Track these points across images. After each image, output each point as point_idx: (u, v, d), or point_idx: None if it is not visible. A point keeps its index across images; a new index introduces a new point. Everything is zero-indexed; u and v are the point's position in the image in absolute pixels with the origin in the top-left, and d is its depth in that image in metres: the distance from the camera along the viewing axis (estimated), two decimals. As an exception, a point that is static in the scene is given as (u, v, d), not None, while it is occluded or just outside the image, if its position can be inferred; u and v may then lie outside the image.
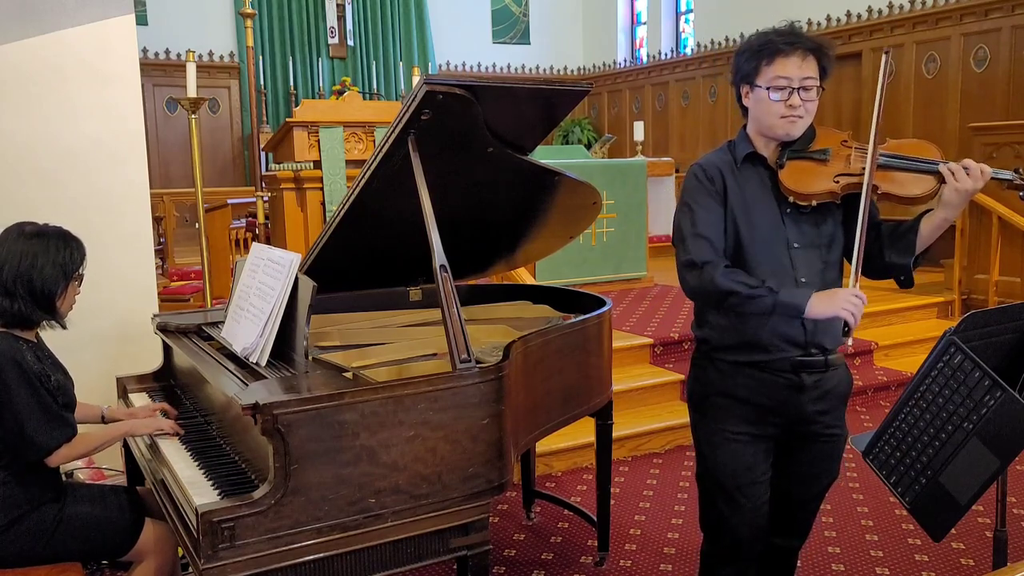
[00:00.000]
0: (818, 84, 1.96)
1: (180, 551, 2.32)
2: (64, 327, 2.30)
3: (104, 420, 2.50)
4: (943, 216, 2.01)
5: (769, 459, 2.10)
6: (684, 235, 2.00)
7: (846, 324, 1.91)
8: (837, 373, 2.11)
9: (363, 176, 2.28)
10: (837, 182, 1.98)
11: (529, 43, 13.08)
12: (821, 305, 1.89)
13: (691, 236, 1.99)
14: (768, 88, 1.94)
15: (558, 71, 13.30)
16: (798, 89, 1.94)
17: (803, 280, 2.00)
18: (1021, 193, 2.02)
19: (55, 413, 2.16)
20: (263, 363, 2.19)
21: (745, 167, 2.04)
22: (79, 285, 2.29)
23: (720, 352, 2.08)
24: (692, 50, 11.42)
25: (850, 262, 2.01)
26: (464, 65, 12.70)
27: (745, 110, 2.07)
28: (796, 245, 2.01)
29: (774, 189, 2.02)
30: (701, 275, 1.95)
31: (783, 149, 2.02)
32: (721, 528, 2.16)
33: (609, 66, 12.82)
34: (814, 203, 2.00)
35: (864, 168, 1.96)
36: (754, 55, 1.98)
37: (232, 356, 2.35)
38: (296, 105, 9.52)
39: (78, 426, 2.27)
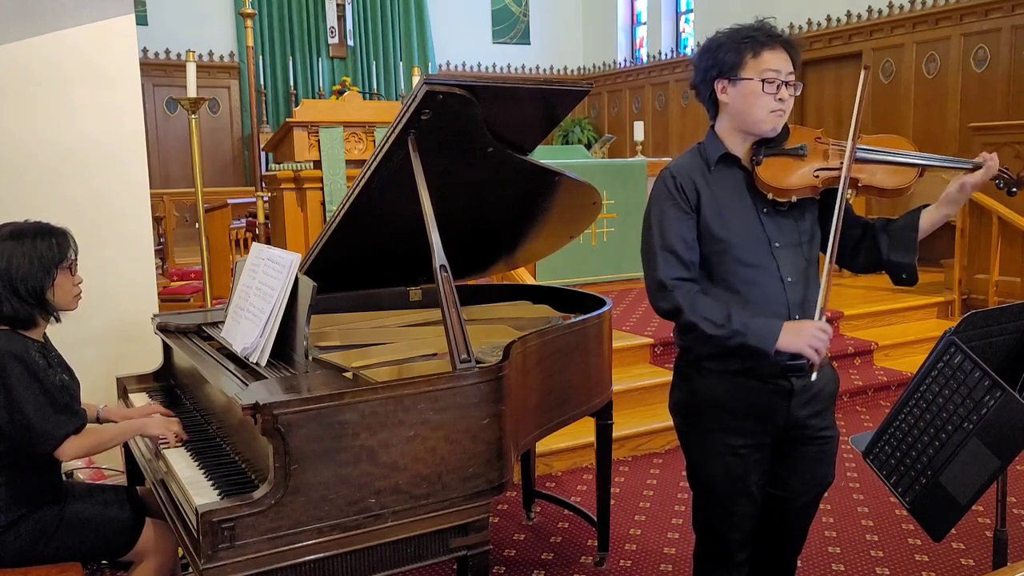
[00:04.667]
0: (796, 80, 1.96)
1: (180, 551, 2.32)
2: (58, 319, 2.30)
3: (99, 420, 2.50)
4: (945, 212, 2.04)
5: (762, 469, 2.07)
6: (654, 249, 1.96)
7: (808, 360, 1.90)
8: (824, 373, 2.06)
9: (363, 176, 2.28)
10: (817, 176, 1.97)
11: (529, 43, 13.08)
12: (788, 342, 1.88)
13: (660, 251, 1.95)
14: (762, 80, 1.91)
15: (558, 71, 13.30)
16: (784, 84, 1.92)
17: (789, 279, 1.98)
18: (1010, 188, 2.05)
19: (63, 404, 2.16)
20: (263, 363, 2.20)
21: (719, 169, 2.00)
22: (73, 274, 2.28)
23: (706, 360, 2.03)
24: (692, 50, 11.42)
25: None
26: (464, 65, 12.70)
27: (713, 111, 2.03)
28: (777, 244, 1.99)
29: (750, 189, 1.99)
30: (672, 300, 1.92)
31: (758, 147, 1.99)
32: (713, 532, 2.15)
33: (609, 66, 12.82)
34: (794, 198, 1.97)
35: (843, 162, 1.96)
36: (736, 48, 1.93)
37: (232, 356, 2.35)
38: (296, 105, 9.52)
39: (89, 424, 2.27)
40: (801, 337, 1.87)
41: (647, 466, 4.10)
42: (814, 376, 1.94)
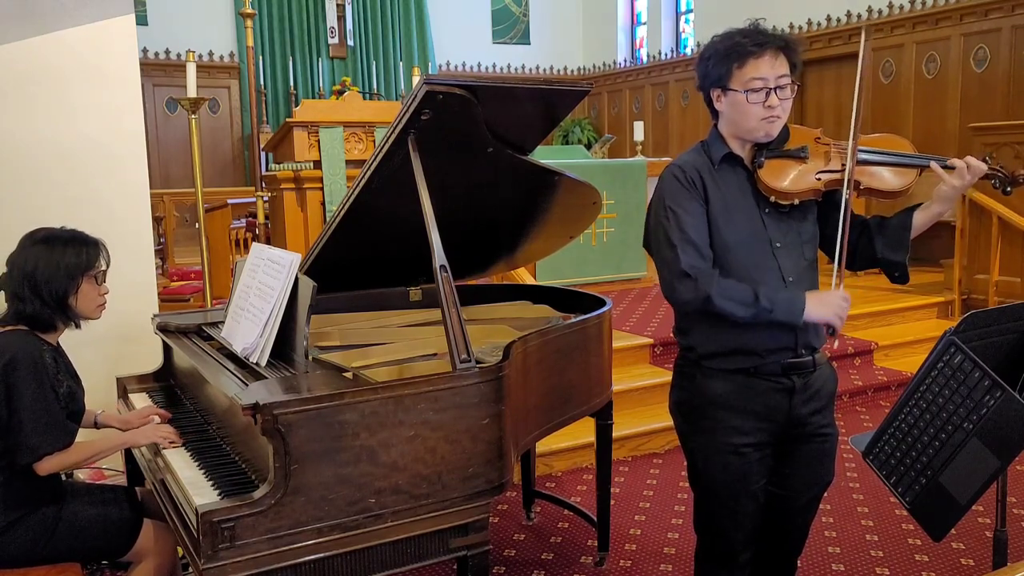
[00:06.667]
0: (791, 81, 1.94)
1: (180, 551, 2.32)
2: (78, 326, 2.32)
3: (96, 425, 2.50)
4: (939, 210, 2.04)
5: (763, 468, 2.07)
6: (672, 241, 1.96)
7: (831, 327, 1.93)
8: (823, 371, 2.09)
9: (363, 176, 2.28)
10: (819, 179, 1.98)
11: (529, 43, 13.07)
12: (815, 311, 1.91)
13: (680, 242, 1.94)
14: (746, 91, 1.91)
15: (558, 71, 13.30)
16: (774, 89, 1.91)
17: (790, 279, 1.99)
18: (1005, 187, 2.05)
19: (57, 419, 2.17)
20: (263, 363, 2.19)
21: (723, 168, 2.00)
22: (100, 283, 2.31)
23: (708, 360, 2.04)
24: (692, 50, 11.43)
25: (829, 256, 2.00)
26: (464, 65, 12.70)
27: (715, 112, 2.04)
28: (778, 245, 2.00)
29: (752, 190, 2.00)
30: (696, 288, 1.92)
31: (760, 149, 1.99)
32: (715, 532, 2.15)
33: (609, 66, 12.81)
34: (796, 202, 1.98)
35: (844, 164, 1.96)
36: (723, 59, 1.93)
37: (232, 356, 2.35)
38: (296, 105, 9.52)
39: (79, 434, 2.28)
40: (828, 307, 1.91)
41: (647, 466, 4.10)
42: (836, 344, 1.96)
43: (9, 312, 2.25)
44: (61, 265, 2.23)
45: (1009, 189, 2.06)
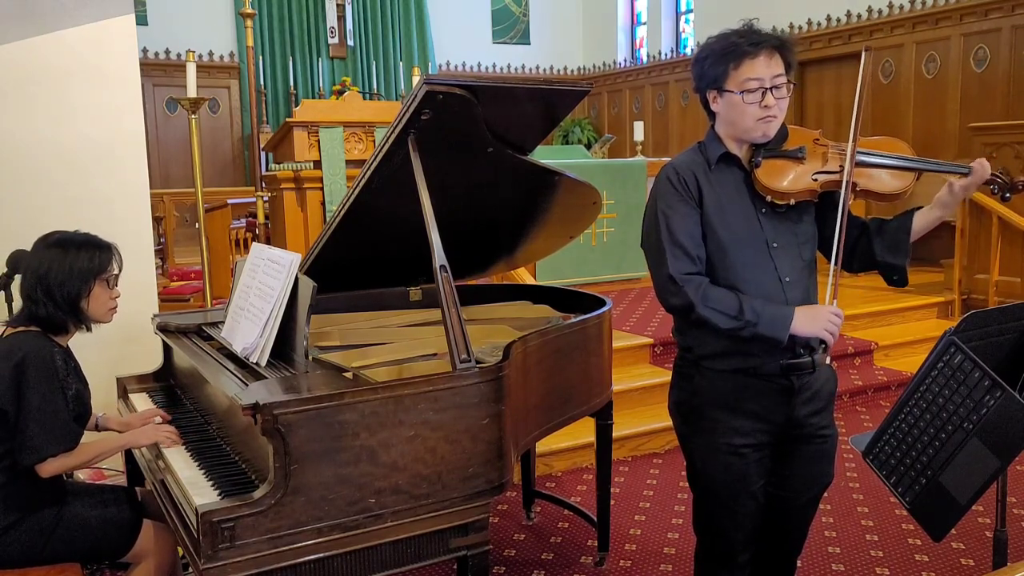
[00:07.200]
0: (787, 80, 1.94)
1: (180, 551, 2.32)
2: (89, 329, 2.33)
3: (97, 427, 2.50)
4: (938, 214, 2.05)
5: (763, 468, 2.07)
6: (662, 245, 1.96)
7: (823, 342, 1.92)
8: (823, 372, 2.07)
9: (363, 176, 2.28)
10: (816, 180, 1.98)
11: (529, 43, 13.07)
12: (803, 326, 1.90)
13: (669, 246, 1.95)
14: (742, 92, 1.91)
15: (558, 71, 13.30)
16: (770, 89, 1.91)
17: (787, 279, 1.99)
18: (1004, 193, 2.05)
19: (63, 421, 2.17)
20: (263, 363, 2.20)
21: (719, 168, 2.00)
22: (112, 287, 2.33)
23: (707, 360, 2.03)
24: (692, 50, 11.42)
25: (827, 257, 2.00)
26: (464, 65, 12.70)
27: (711, 114, 2.03)
28: (775, 245, 1.99)
29: (749, 189, 1.99)
30: (682, 295, 1.92)
31: (757, 148, 1.99)
32: (714, 532, 2.15)
33: (609, 66, 12.81)
34: (792, 202, 1.98)
35: (842, 166, 1.96)
36: (719, 59, 1.93)
37: (232, 356, 2.35)
38: (296, 105, 9.52)
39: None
40: (817, 322, 1.89)
41: (647, 466, 4.10)
42: (828, 360, 1.94)
43: (22, 313, 2.27)
44: (74, 268, 2.24)
45: (1008, 195, 2.05)
